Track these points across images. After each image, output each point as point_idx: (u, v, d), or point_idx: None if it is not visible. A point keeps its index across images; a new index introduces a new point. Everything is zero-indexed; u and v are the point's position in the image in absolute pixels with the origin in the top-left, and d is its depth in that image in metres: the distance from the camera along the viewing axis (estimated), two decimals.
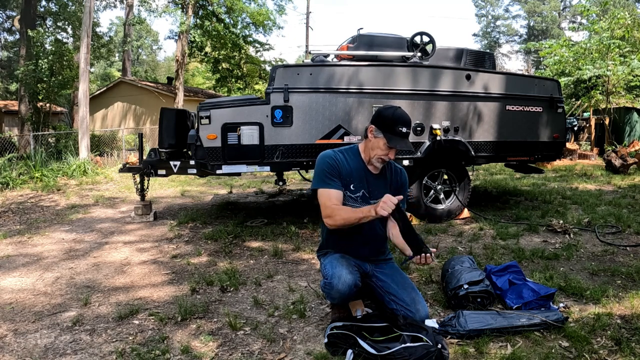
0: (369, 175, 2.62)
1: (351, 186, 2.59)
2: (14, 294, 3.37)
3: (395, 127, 2.50)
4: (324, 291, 2.57)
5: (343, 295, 2.46)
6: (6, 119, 20.57)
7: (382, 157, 2.54)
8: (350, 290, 2.44)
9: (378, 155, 2.55)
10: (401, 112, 2.56)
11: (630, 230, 4.83)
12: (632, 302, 2.88)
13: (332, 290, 2.45)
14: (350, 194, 2.59)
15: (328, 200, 2.51)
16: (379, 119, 2.56)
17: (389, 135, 2.50)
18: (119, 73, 30.87)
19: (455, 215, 5.54)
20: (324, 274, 2.56)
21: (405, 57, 5.48)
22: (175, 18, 19.00)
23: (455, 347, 2.41)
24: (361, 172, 2.61)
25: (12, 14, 23.73)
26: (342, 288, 2.42)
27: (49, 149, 12.18)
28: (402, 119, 2.52)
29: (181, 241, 4.79)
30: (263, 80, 23.02)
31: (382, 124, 2.53)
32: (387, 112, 2.56)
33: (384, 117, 2.54)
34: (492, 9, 50.48)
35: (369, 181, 2.62)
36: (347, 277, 2.42)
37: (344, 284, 2.42)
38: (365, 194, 2.60)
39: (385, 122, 2.52)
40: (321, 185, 2.56)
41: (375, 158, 2.56)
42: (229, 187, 8.50)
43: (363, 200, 2.59)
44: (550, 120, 5.95)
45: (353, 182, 2.59)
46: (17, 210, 6.71)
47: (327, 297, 2.60)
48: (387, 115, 2.54)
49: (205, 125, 4.77)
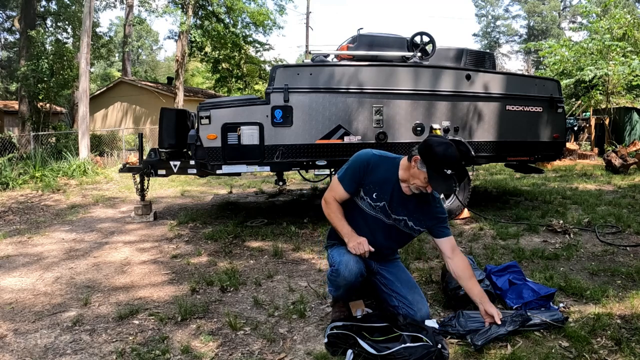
0: (398, 191, 2.55)
1: (374, 194, 2.55)
2: (14, 294, 3.38)
3: (442, 167, 2.36)
4: (329, 280, 2.60)
5: (349, 283, 2.48)
6: (6, 119, 20.56)
7: (420, 188, 2.47)
8: (356, 278, 2.47)
9: (417, 185, 2.47)
10: (452, 152, 2.38)
11: (630, 230, 4.83)
12: (632, 302, 2.88)
13: (339, 278, 2.49)
14: (370, 201, 2.56)
15: (334, 192, 2.60)
16: (427, 153, 2.39)
17: (432, 174, 2.38)
18: (119, 73, 30.86)
19: (456, 215, 5.53)
20: (331, 262, 2.59)
21: (406, 57, 5.48)
22: (175, 18, 19.02)
23: (455, 347, 2.41)
24: (391, 185, 2.55)
25: (12, 14, 23.72)
26: (348, 275, 2.45)
27: (49, 149, 12.17)
28: (451, 160, 2.36)
29: (181, 241, 4.79)
30: (263, 80, 23.04)
31: (429, 159, 2.38)
32: (438, 148, 2.37)
33: (432, 153, 2.37)
34: (492, 9, 50.49)
35: (394, 196, 2.55)
36: (354, 266, 2.46)
37: (350, 272, 2.45)
38: (386, 207, 2.56)
39: (433, 159, 2.37)
40: (341, 178, 2.60)
41: (413, 186, 2.49)
42: (229, 187, 8.50)
43: (382, 212, 2.57)
44: (551, 120, 5.95)
45: (376, 192, 2.54)
46: (17, 210, 6.72)
47: (331, 286, 2.61)
48: (436, 152, 2.36)
49: (205, 125, 4.77)
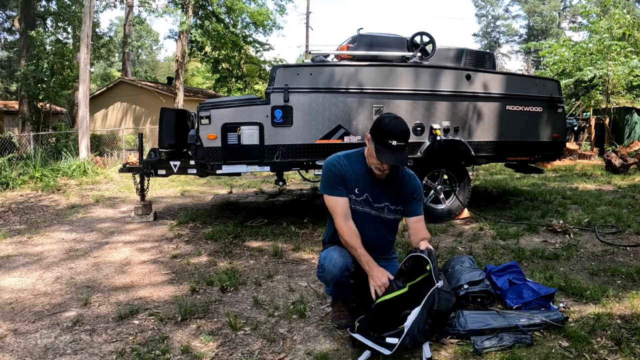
0: (372, 179, 2.59)
1: (356, 190, 2.58)
2: (14, 294, 3.38)
3: (385, 139, 2.36)
4: (318, 277, 2.67)
5: (335, 278, 2.51)
6: (6, 119, 20.55)
7: (378, 167, 2.49)
8: (341, 272, 2.49)
9: (374, 165, 2.50)
10: (395, 123, 2.40)
11: (630, 230, 4.83)
12: (632, 302, 2.88)
13: (324, 273, 2.53)
14: (355, 197, 2.59)
15: (338, 207, 2.54)
16: (373, 128, 2.47)
17: (379, 147, 2.40)
18: (119, 73, 30.86)
19: (456, 215, 5.53)
20: (318, 261, 2.62)
21: (405, 57, 5.48)
22: (175, 18, 19.04)
23: (455, 347, 2.41)
24: (365, 175, 2.58)
25: (12, 14, 23.71)
26: (332, 269, 2.48)
27: (49, 149, 12.17)
28: (394, 130, 2.36)
29: (181, 241, 4.79)
30: (263, 80, 23.04)
31: (375, 133, 2.43)
32: (382, 121, 2.43)
33: (377, 127, 2.43)
34: (492, 9, 50.47)
35: (372, 185, 2.59)
36: (338, 260, 2.48)
37: (334, 266, 2.48)
38: (369, 198, 2.60)
39: (378, 132, 2.41)
40: (328, 191, 2.56)
41: (372, 166, 2.52)
42: (229, 187, 8.50)
43: (366, 203, 2.60)
44: (550, 120, 5.95)
45: (358, 186, 2.58)
46: (17, 210, 6.72)
47: (322, 281, 2.70)
48: (380, 126, 2.41)
49: (205, 125, 4.77)
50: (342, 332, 2.60)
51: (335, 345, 2.47)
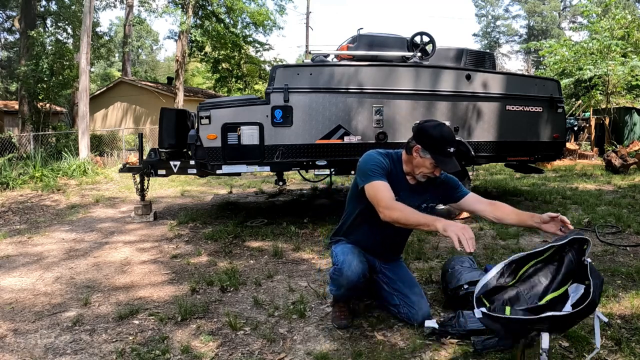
0: (404, 183, 2.58)
1: None
2: (14, 294, 3.37)
3: (445, 148, 2.39)
4: (331, 278, 2.59)
5: (351, 283, 2.48)
6: (6, 119, 20.55)
7: (429, 175, 2.50)
8: (358, 279, 2.47)
9: (423, 173, 2.50)
10: (448, 131, 2.45)
11: (630, 230, 4.83)
12: (632, 302, 2.87)
13: (341, 277, 2.49)
14: None
15: (384, 191, 2.38)
16: (424, 139, 2.43)
17: (438, 157, 2.41)
18: (119, 73, 30.85)
19: (455, 215, 5.53)
20: (334, 261, 2.57)
21: (405, 57, 5.48)
22: (175, 18, 19.06)
23: (455, 347, 2.41)
24: (399, 178, 2.57)
25: (12, 14, 23.70)
26: (351, 275, 2.46)
27: (49, 149, 12.18)
28: (448, 137, 2.41)
29: (181, 241, 4.79)
30: (263, 80, 23.05)
31: (428, 144, 2.41)
32: (433, 131, 2.42)
33: (430, 137, 2.41)
34: (492, 9, 50.48)
35: (402, 189, 2.57)
36: (357, 266, 2.46)
37: (353, 272, 2.45)
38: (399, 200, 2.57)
39: (432, 142, 2.41)
40: (373, 178, 2.44)
41: (420, 175, 2.51)
42: (229, 187, 8.50)
43: None
44: (550, 120, 5.95)
45: (392, 186, 2.55)
46: (17, 210, 6.72)
47: (333, 285, 2.60)
48: (434, 136, 2.41)
49: (205, 125, 4.77)
50: (342, 332, 2.60)
51: (335, 345, 2.47)
